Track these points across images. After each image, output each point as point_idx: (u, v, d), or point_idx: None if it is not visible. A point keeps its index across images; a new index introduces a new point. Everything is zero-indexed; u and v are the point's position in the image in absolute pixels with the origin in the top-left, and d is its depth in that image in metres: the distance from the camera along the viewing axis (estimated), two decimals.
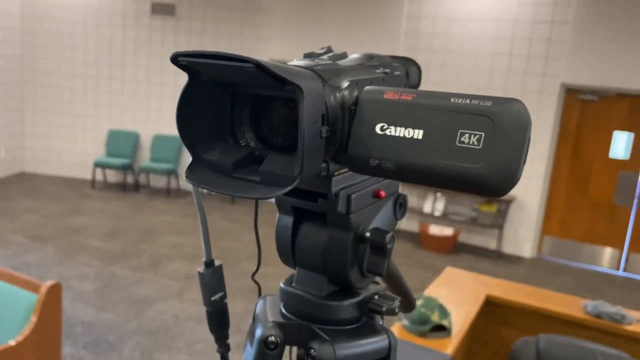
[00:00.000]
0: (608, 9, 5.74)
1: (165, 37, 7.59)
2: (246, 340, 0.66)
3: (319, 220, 0.60)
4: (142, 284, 4.52)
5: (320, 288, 0.60)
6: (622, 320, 2.49)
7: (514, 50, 6.16)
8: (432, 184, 0.49)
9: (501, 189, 0.45)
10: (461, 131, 0.46)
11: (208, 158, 0.54)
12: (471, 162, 0.45)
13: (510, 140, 0.45)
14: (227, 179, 0.54)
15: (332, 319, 0.60)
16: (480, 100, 0.46)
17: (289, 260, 0.64)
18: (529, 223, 6.33)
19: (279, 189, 0.49)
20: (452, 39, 6.40)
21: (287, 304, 0.63)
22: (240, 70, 0.48)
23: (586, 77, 5.90)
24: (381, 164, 0.49)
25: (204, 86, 0.53)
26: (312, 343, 0.58)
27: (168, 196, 7.53)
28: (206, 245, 0.71)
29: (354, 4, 6.92)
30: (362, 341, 0.59)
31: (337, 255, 0.58)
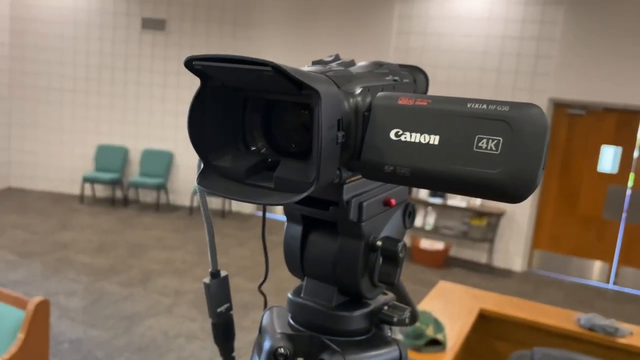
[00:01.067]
0: (593, 25, 5.84)
1: (155, 52, 7.59)
2: (253, 353, 0.65)
3: (329, 229, 0.59)
4: (131, 299, 4.45)
5: (330, 298, 0.59)
6: (616, 333, 2.49)
7: (502, 66, 6.23)
8: (449, 189, 0.48)
9: (520, 195, 0.45)
10: (479, 136, 0.46)
11: (220, 164, 0.53)
12: (489, 167, 0.45)
13: (529, 146, 0.44)
14: (240, 185, 0.53)
15: (342, 329, 0.58)
16: (498, 105, 0.46)
17: (297, 270, 0.63)
18: (519, 237, 6.35)
19: (295, 195, 0.48)
20: (441, 53, 6.46)
21: (296, 315, 0.62)
22: (256, 74, 0.47)
23: (574, 92, 5.98)
24: (396, 170, 0.49)
25: (215, 92, 0.52)
26: (323, 354, 0.57)
27: (157, 211, 7.47)
28: (212, 256, 0.69)
29: (344, 7, 6.97)
30: (372, 352, 0.58)
31: (348, 265, 0.57)
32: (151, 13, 7.52)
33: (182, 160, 7.79)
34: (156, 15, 7.52)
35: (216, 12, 7.45)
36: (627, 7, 5.72)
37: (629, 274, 6.11)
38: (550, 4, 5.98)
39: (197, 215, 7.45)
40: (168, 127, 7.71)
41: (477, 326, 2.50)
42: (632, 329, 2.58)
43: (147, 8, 7.52)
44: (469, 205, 6.30)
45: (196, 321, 4.15)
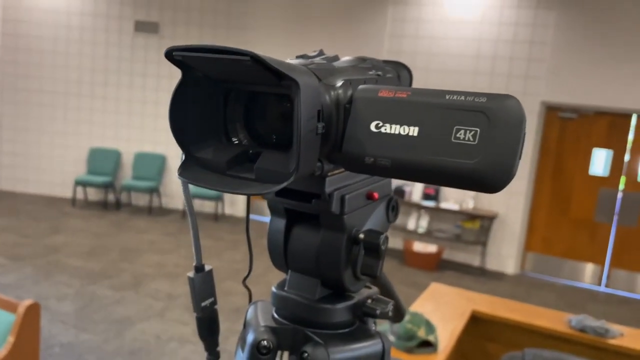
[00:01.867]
0: (584, 29, 5.89)
1: (148, 55, 7.58)
2: (237, 347, 0.65)
3: (312, 222, 0.59)
4: (123, 303, 4.43)
5: (313, 291, 0.59)
6: (606, 334, 2.50)
7: (495, 69, 6.26)
8: (427, 180, 0.48)
9: (497, 185, 0.45)
10: (457, 127, 0.46)
11: (201, 156, 0.54)
12: (467, 157, 0.45)
13: (506, 136, 0.44)
14: (221, 176, 0.53)
15: (326, 322, 0.58)
16: (475, 96, 0.46)
17: (280, 264, 0.62)
18: (511, 240, 6.37)
19: (274, 185, 0.48)
20: (434, 56, 6.49)
21: (279, 308, 0.62)
22: (235, 64, 0.47)
23: (565, 96, 6.01)
24: (377, 161, 0.49)
25: (197, 83, 0.53)
26: (306, 347, 0.57)
27: (150, 214, 7.44)
28: (196, 249, 0.69)
29: (337, 12, 6.99)
30: (355, 345, 0.58)
31: (330, 257, 0.57)
32: (144, 16, 7.51)
33: (174, 163, 7.77)
34: (149, 19, 7.51)
35: (209, 16, 7.46)
36: (617, 11, 5.77)
37: (621, 276, 6.14)
38: (542, 8, 6.02)
39: None
40: (161, 131, 7.69)
41: (469, 328, 2.50)
42: (622, 330, 2.59)
43: (140, 11, 7.51)
44: (462, 208, 6.32)
45: (188, 325, 4.12)
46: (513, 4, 6.14)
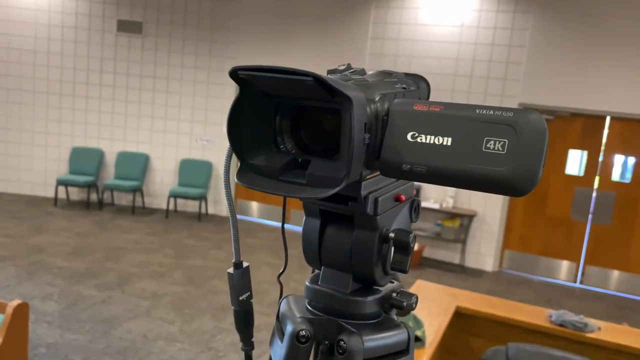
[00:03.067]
0: (561, 33, 6.06)
1: (131, 55, 7.55)
2: (273, 338, 0.70)
3: (345, 222, 0.65)
4: (109, 303, 4.44)
5: (345, 285, 0.65)
6: (585, 329, 2.62)
7: (474, 72, 6.40)
8: (460, 185, 0.55)
9: (524, 189, 0.52)
10: (487, 138, 0.52)
11: (255, 163, 0.60)
12: (497, 165, 0.52)
13: (531, 146, 0.51)
14: (275, 181, 0.59)
15: (357, 313, 0.65)
16: (503, 111, 0.53)
17: (314, 261, 0.68)
18: (490, 238, 6.53)
19: (327, 190, 0.54)
20: (415, 58, 6.61)
21: (313, 301, 0.67)
22: (296, 83, 0.53)
23: (542, 98, 6.18)
24: (413, 168, 0.55)
25: (252, 98, 0.59)
26: (342, 335, 0.63)
27: (133, 214, 7.42)
28: (235, 248, 0.74)
29: (320, 14, 7.06)
30: (385, 334, 0.64)
31: (363, 254, 0.63)
32: (127, 16, 7.48)
33: (158, 163, 7.76)
34: (132, 18, 7.48)
35: (193, 17, 7.46)
36: (592, 16, 5.95)
37: (595, 272, 6.34)
38: (519, 12, 6.17)
39: (174, 219, 7.43)
40: (144, 130, 7.67)
41: (454, 323, 2.60)
42: (600, 324, 2.72)
43: (123, 11, 7.48)
44: (442, 207, 6.45)
45: (175, 324, 4.16)
46: (492, 8, 6.28)
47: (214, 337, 3.99)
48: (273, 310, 4.63)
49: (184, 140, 7.74)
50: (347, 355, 0.61)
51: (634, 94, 5.82)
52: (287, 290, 0.76)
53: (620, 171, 6.23)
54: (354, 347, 0.61)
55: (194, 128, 7.72)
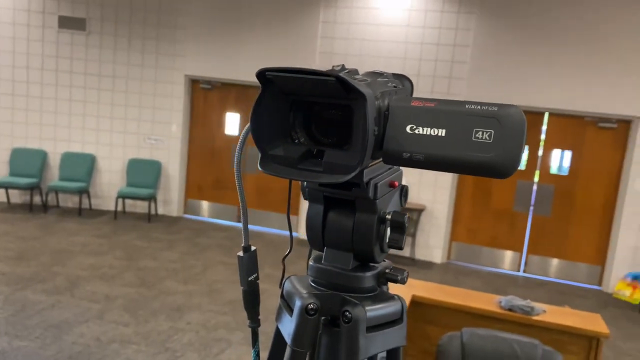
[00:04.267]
0: (503, 32, 6.34)
1: (75, 52, 7.31)
2: (281, 314, 0.75)
3: (346, 206, 0.72)
4: (59, 307, 4.31)
5: (347, 263, 0.72)
6: (532, 312, 2.78)
7: (421, 71, 6.59)
8: (453, 170, 0.63)
9: (508, 172, 0.60)
10: (475, 129, 0.61)
11: (274, 154, 0.66)
12: (485, 152, 0.60)
13: (513, 135, 0.60)
14: (294, 169, 0.66)
15: (358, 287, 0.71)
16: (488, 106, 0.61)
17: (317, 242, 0.74)
18: (438, 231, 6.74)
19: (344, 176, 0.62)
20: (364, 57, 6.73)
21: (318, 278, 0.74)
22: (318, 82, 0.60)
23: (486, 96, 6.44)
24: (412, 156, 0.63)
25: (272, 96, 0.65)
26: (346, 307, 0.69)
27: (80, 216, 7.20)
28: (245, 232, 0.79)
29: (270, 12, 7.08)
30: (383, 304, 0.71)
31: (364, 235, 0.70)
32: (69, 12, 7.24)
33: (104, 164, 7.55)
34: (75, 14, 7.24)
35: (139, 13, 7.30)
36: (533, 16, 6.25)
37: (536, 261, 6.68)
38: (463, 12, 6.41)
39: (122, 220, 7.26)
40: (89, 130, 7.45)
41: (410, 312, 2.70)
42: (545, 307, 2.89)
43: (65, 6, 7.23)
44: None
45: (129, 326, 4.09)
46: (437, 8, 6.49)
47: (170, 338, 3.95)
48: (229, 309, 4.64)
49: (131, 140, 7.56)
50: (352, 323, 0.68)
51: (571, 91, 6.16)
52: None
53: (558, 165, 6.58)
54: (359, 316, 0.68)
55: (142, 127, 7.56)
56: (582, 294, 6.19)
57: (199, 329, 4.15)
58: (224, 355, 3.80)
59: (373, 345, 0.70)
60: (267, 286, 5.74)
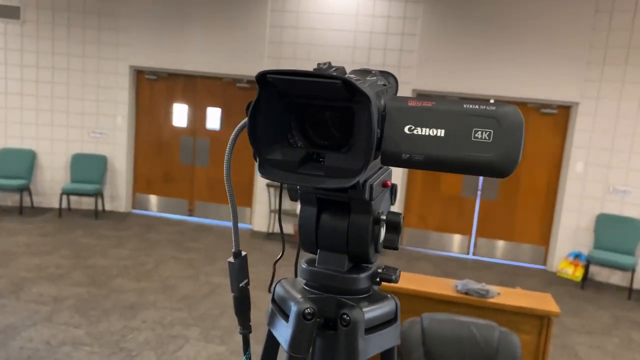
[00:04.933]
0: (450, 21, 6.46)
1: (9, 42, 6.93)
2: (274, 320, 0.73)
3: (340, 208, 0.70)
4: (3, 311, 4.11)
5: (342, 265, 0.71)
6: (487, 295, 2.87)
7: (370, 60, 6.64)
8: (454, 170, 0.62)
9: (508, 171, 0.60)
10: (475, 129, 0.60)
11: (272, 158, 0.64)
12: (485, 152, 0.60)
13: (512, 135, 0.59)
14: (294, 174, 0.63)
15: (353, 289, 0.70)
16: (487, 105, 0.61)
17: (311, 245, 0.72)
18: None
19: (349, 180, 0.60)
20: (314, 46, 6.71)
21: (311, 281, 0.72)
22: (322, 85, 0.58)
23: (434, 84, 6.57)
24: (412, 157, 0.62)
25: (269, 98, 0.62)
26: (344, 310, 0.68)
27: (21, 215, 6.87)
28: (236, 237, 0.76)
29: (220, 3, 6.93)
30: (379, 304, 0.70)
31: (360, 236, 0.69)
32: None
33: (46, 159, 7.23)
34: (8, 2, 6.85)
35: (78, 1, 6.99)
36: (479, 4, 6.40)
37: (484, 244, 6.90)
38: (411, 1, 6.48)
39: (67, 217, 6.99)
40: (28, 125, 7.10)
41: None
42: (499, 290, 2.99)
43: None
44: None
45: (81, 327, 3.95)
46: None
47: (124, 337, 3.85)
48: (185, 305, 4.56)
49: (74, 134, 7.27)
50: (351, 326, 0.66)
51: (515, 78, 6.35)
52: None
53: None
54: (357, 318, 0.67)
55: (86, 121, 7.27)
56: (529, 274, 6.45)
57: (155, 326, 4.06)
58: (182, 352, 3.74)
59: (371, 347, 0.69)
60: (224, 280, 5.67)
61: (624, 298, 5.96)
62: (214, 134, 7.49)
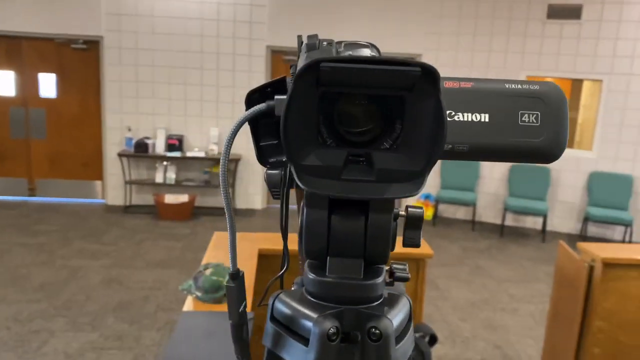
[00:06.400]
0: None
1: None
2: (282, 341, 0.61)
3: (354, 207, 0.59)
4: None
5: (358, 271, 0.60)
6: None
7: (221, 16, 6.36)
8: (500, 159, 0.55)
9: (558, 155, 0.55)
10: (521, 112, 0.54)
11: (309, 164, 0.50)
12: (534, 137, 0.54)
13: (559, 116, 0.55)
14: (342, 182, 0.50)
15: (373, 296, 0.61)
16: (529, 84, 0.55)
17: (319, 253, 0.60)
18: (256, 178, 6.81)
19: (414, 185, 0.49)
20: (158, 11, 6.25)
21: (323, 294, 0.61)
22: (390, 74, 0.46)
23: (288, 39, 6.51)
24: (454, 147, 0.54)
25: (305, 90, 0.48)
26: (370, 322, 0.58)
27: None
28: (233, 255, 0.63)
29: None
30: (398, 308, 0.62)
31: (381, 237, 0.60)
32: None
33: None
34: None
35: None
36: None
37: None
38: None
39: None
40: None
41: (260, 266, 2.69)
42: None
43: None
44: (208, 155, 6.44)
45: None
46: None
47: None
48: (43, 295, 4.10)
49: None
50: (383, 340, 0.59)
51: (373, 31, 6.52)
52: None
53: None
54: (388, 330, 0.58)
55: None
56: None
57: (10, 324, 3.64)
58: (48, 347, 3.40)
59: (401, 357, 0.61)
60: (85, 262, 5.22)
61: (469, 230, 6.67)
62: (50, 103, 6.71)
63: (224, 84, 6.50)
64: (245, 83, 6.46)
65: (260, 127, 0.58)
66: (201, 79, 6.49)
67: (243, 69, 6.46)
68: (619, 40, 6.16)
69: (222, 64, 6.45)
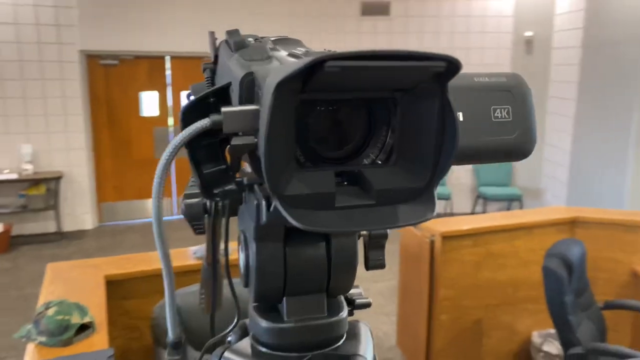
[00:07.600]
0: None
1: None
2: None
3: (310, 233, 0.46)
4: None
5: (321, 308, 0.53)
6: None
7: (18, 19, 5.64)
8: (476, 161, 0.50)
9: (531, 149, 0.51)
10: (493, 107, 0.50)
11: (294, 194, 0.38)
12: (508, 133, 0.50)
13: (527, 108, 0.51)
14: (336, 212, 0.40)
15: (340, 334, 0.54)
16: (497, 77, 0.51)
17: (276, 295, 0.51)
18: (83, 196, 6.21)
19: (425, 205, 0.41)
20: None
21: (284, 344, 0.52)
22: (405, 71, 0.37)
23: (104, 43, 6.02)
24: None
25: (287, 100, 0.37)
26: None
27: None
28: (172, 320, 0.48)
29: None
30: (363, 339, 0.55)
31: (348, 264, 0.52)
32: None
33: None
34: None
35: None
36: None
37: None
38: None
39: None
40: None
41: (110, 294, 2.43)
42: None
43: None
44: (22, 176, 5.69)
45: None
46: None
47: None
48: None
49: None
50: None
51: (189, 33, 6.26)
52: None
53: None
54: None
55: None
56: None
57: None
58: None
59: None
60: None
61: None
62: None
63: (32, 95, 5.79)
64: (58, 92, 5.84)
65: (201, 150, 0.46)
66: (2, 91, 5.70)
67: (54, 77, 5.82)
68: (425, 33, 6.80)
69: (27, 73, 5.74)
